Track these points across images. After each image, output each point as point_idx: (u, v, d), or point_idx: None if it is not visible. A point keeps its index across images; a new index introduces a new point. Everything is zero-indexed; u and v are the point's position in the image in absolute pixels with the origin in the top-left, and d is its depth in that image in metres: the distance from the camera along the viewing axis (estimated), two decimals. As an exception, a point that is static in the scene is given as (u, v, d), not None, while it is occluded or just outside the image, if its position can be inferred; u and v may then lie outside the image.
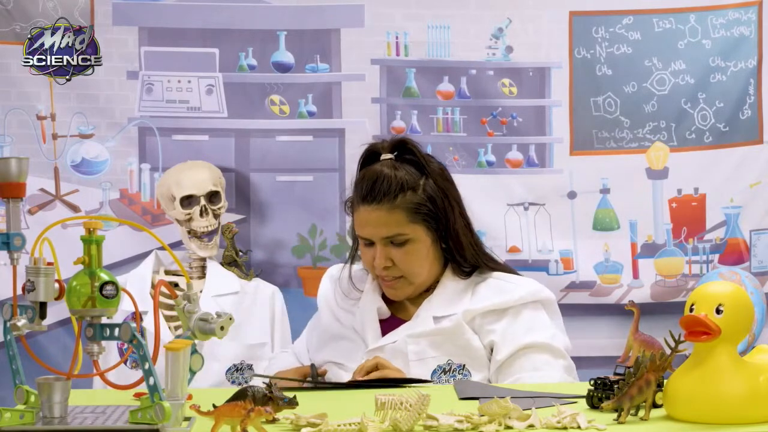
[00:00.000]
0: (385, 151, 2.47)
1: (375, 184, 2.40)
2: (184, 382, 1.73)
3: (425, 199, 2.42)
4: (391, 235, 2.41)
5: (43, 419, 1.68)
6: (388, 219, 2.40)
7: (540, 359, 2.37)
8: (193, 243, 3.53)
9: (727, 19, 3.75)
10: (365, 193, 2.41)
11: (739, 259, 3.77)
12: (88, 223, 1.68)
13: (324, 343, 2.57)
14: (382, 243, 2.42)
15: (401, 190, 2.40)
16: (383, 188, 2.40)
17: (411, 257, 2.42)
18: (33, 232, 1.71)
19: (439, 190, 2.44)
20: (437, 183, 2.45)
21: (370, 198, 2.40)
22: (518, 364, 2.36)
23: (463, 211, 2.50)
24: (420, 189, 2.43)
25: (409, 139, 2.51)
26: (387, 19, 3.74)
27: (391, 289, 2.47)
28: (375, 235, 2.42)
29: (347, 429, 1.66)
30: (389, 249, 2.42)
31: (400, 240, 2.41)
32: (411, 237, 2.42)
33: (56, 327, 3.48)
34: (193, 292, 1.82)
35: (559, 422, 1.69)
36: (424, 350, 2.39)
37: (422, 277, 2.45)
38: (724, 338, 1.70)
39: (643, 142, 3.77)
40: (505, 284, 2.46)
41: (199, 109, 3.75)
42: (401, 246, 2.42)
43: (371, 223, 2.41)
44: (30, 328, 1.70)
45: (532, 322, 2.41)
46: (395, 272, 2.44)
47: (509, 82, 3.77)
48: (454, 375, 2.36)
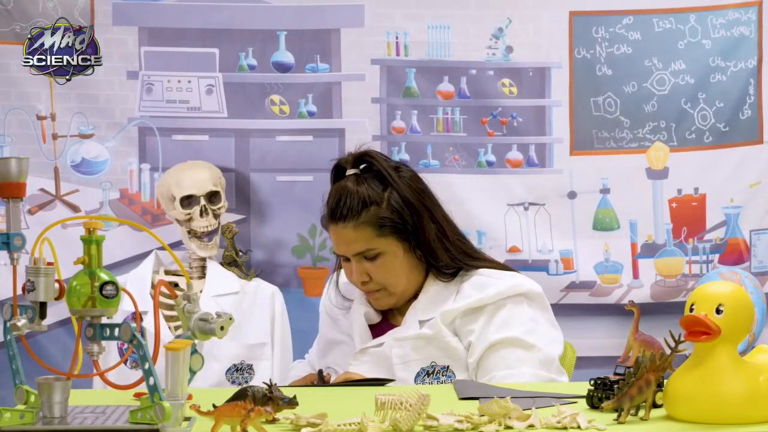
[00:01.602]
0: (348, 165, 2.46)
1: (339, 202, 2.41)
2: (184, 382, 1.73)
3: (390, 211, 2.41)
4: (361, 251, 2.41)
5: (43, 419, 1.68)
6: (355, 236, 2.40)
7: (512, 355, 2.34)
8: (193, 243, 3.53)
9: (727, 19, 3.75)
10: (331, 211, 2.42)
11: (739, 259, 3.77)
12: (88, 223, 1.68)
13: (324, 349, 2.60)
14: (356, 259, 2.43)
15: (364, 206, 2.40)
16: (347, 205, 2.40)
17: (385, 270, 2.42)
18: (33, 232, 1.71)
19: (403, 201, 2.42)
20: (402, 193, 2.42)
21: (336, 216, 2.41)
22: (490, 362, 2.34)
23: (435, 216, 2.46)
24: (384, 202, 2.41)
25: (372, 152, 2.49)
26: (387, 19, 3.75)
27: (374, 300, 2.48)
28: (347, 252, 2.43)
29: (347, 429, 1.66)
30: (363, 264, 2.43)
31: (371, 254, 2.42)
32: (381, 251, 2.41)
33: (56, 327, 3.48)
34: (193, 292, 1.82)
35: (559, 422, 1.69)
36: (407, 354, 2.39)
37: (401, 286, 2.45)
38: (724, 338, 1.70)
39: (643, 142, 3.78)
40: (487, 280, 2.43)
41: (199, 109, 3.75)
42: (374, 260, 2.42)
43: (341, 240, 2.42)
44: (30, 328, 1.70)
45: (509, 317, 2.38)
46: (373, 286, 2.45)
47: (509, 82, 3.77)
48: (438, 377, 2.37)
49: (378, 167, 2.44)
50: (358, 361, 2.44)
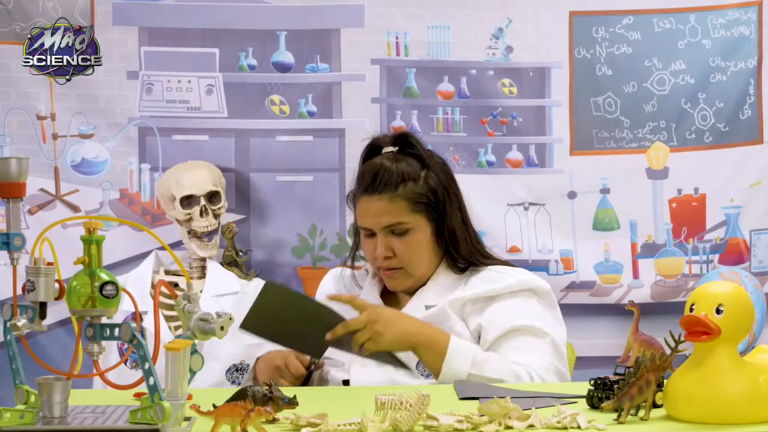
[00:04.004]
0: (386, 144, 2.51)
1: (377, 175, 2.44)
2: (184, 382, 1.73)
3: (427, 190, 2.45)
4: (392, 223, 2.43)
5: (43, 419, 1.68)
6: (389, 208, 2.43)
7: (527, 342, 2.37)
8: (193, 243, 3.53)
9: (727, 19, 3.75)
10: (367, 183, 2.45)
11: (739, 259, 3.77)
12: (88, 223, 1.68)
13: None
14: (383, 233, 2.44)
15: (403, 181, 2.44)
16: (385, 178, 2.43)
17: (411, 247, 2.44)
18: (33, 232, 1.71)
19: (440, 183, 2.47)
20: (438, 177, 2.48)
21: (371, 188, 2.44)
22: (505, 347, 2.37)
23: (462, 207, 2.52)
24: (421, 180, 2.46)
25: (410, 133, 2.56)
26: (387, 19, 3.75)
27: (391, 279, 2.49)
28: (376, 225, 2.44)
29: (347, 429, 1.66)
30: (390, 239, 2.44)
31: (401, 229, 2.44)
32: (412, 227, 2.44)
33: (56, 327, 3.48)
34: (193, 292, 1.82)
35: (559, 422, 1.69)
36: None
37: (422, 269, 2.47)
38: (724, 338, 1.70)
39: (643, 142, 3.78)
40: (496, 275, 2.48)
41: (199, 109, 3.75)
42: (402, 236, 2.44)
43: (372, 212, 2.44)
44: (30, 328, 1.70)
45: (521, 307, 2.41)
46: (395, 263, 2.46)
47: (509, 82, 3.77)
48: None
49: (416, 148, 2.49)
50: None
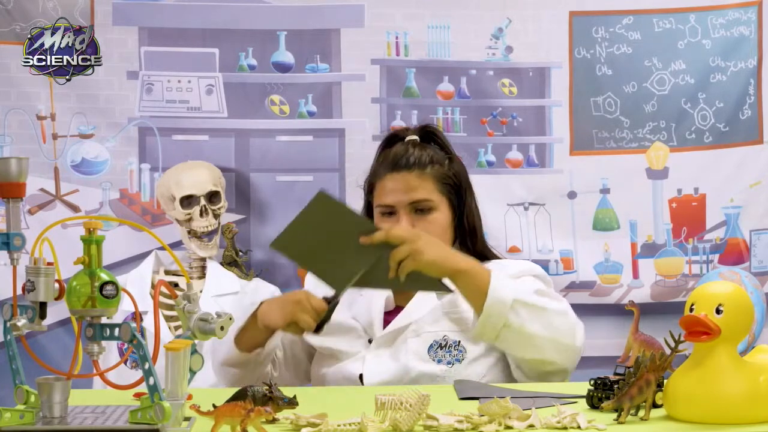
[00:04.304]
0: (409, 134, 2.55)
1: (406, 153, 2.47)
2: (184, 382, 1.73)
3: (453, 174, 2.50)
4: (419, 199, 2.45)
5: (43, 419, 1.68)
6: (418, 183, 2.45)
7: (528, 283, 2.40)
8: (193, 243, 3.53)
9: (727, 19, 3.75)
10: (395, 162, 2.47)
11: (739, 259, 3.77)
12: (88, 223, 1.68)
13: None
14: (407, 210, 2.45)
15: (431, 162, 2.48)
16: (414, 156, 2.47)
17: (433, 227, 2.44)
18: (33, 232, 1.71)
19: (462, 174, 2.53)
20: (460, 168, 2.54)
21: (400, 165, 2.46)
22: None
23: (475, 201, 2.56)
24: (446, 165, 2.50)
25: (433, 126, 2.61)
26: (387, 19, 3.75)
27: None
28: (404, 199, 2.44)
29: (347, 429, 1.66)
30: (413, 217, 2.45)
31: (426, 206, 2.45)
32: (436, 206, 2.46)
33: (56, 327, 3.48)
34: (193, 292, 1.82)
35: (559, 422, 1.69)
36: (421, 326, 2.41)
37: None
38: (724, 338, 1.70)
39: (643, 142, 3.77)
40: (504, 262, 2.53)
41: (199, 109, 3.75)
42: (426, 213, 2.45)
43: (400, 188, 2.45)
44: (30, 328, 1.70)
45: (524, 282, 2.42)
46: None
47: (509, 82, 3.77)
48: (449, 350, 2.39)
49: (440, 138, 2.56)
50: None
